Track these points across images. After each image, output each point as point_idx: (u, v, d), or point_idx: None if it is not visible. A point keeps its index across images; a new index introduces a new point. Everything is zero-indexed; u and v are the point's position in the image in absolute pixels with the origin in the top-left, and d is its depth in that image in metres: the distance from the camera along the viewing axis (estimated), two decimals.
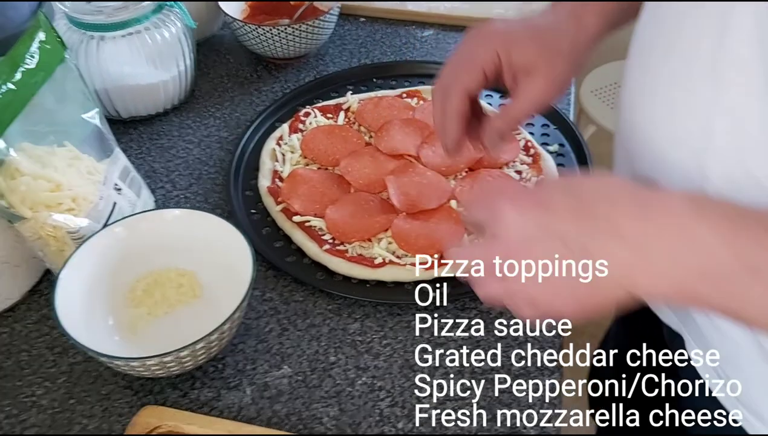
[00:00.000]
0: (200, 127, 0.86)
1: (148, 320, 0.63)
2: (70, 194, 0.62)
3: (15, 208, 0.59)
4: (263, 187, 0.76)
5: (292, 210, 0.73)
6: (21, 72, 0.58)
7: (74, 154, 0.65)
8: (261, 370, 0.62)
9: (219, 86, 0.92)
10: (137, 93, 0.82)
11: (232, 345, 0.63)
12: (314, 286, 0.68)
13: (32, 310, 0.67)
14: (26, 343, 0.64)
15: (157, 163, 0.81)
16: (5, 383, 0.61)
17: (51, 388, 0.61)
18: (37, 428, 0.58)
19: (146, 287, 0.65)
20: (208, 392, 0.60)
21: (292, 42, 0.89)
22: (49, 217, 0.60)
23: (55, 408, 0.60)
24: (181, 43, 0.83)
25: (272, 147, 0.80)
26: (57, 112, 0.64)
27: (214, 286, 0.65)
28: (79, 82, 0.65)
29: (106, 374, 0.62)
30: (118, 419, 0.59)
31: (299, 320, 0.66)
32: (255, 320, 0.66)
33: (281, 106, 0.86)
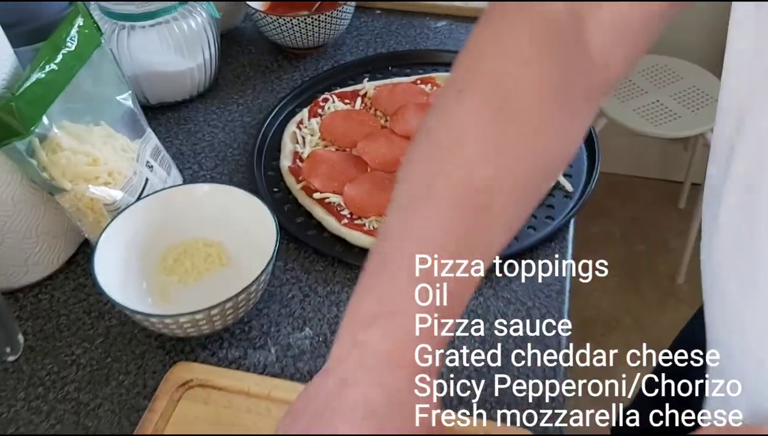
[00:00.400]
0: (224, 112, 0.91)
1: (179, 286, 0.68)
2: (106, 169, 0.66)
3: (56, 180, 0.63)
4: (285, 167, 0.80)
5: (312, 188, 0.77)
6: (62, 54, 0.63)
7: (109, 133, 0.69)
8: (284, 332, 0.66)
9: (241, 75, 0.96)
10: (165, 80, 0.87)
11: (257, 309, 0.67)
12: (333, 257, 0.72)
13: (69, 279, 0.71)
14: (65, 308, 0.69)
15: (184, 146, 0.86)
16: (46, 343, 0.66)
17: (89, 348, 0.65)
18: (77, 384, 0.63)
19: (177, 256, 0.69)
20: (235, 351, 0.65)
21: (311, 32, 0.94)
22: (87, 189, 0.65)
23: (93, 366, 0.64)
24: (206, 32, 0.87)
25: (293, 130, 0.85)
26: (93, 93, 0.68)
27: (240, 256, 0.69)
28: (113, 65, 0.70)
29: (140, 336, 0.66)
30: (152, 376, 0.63)
31: (320, 287, 0.70)
32: (278, 288, 0.70)
33: (301, 93, 0.91)
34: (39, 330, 0.67)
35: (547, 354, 0.59)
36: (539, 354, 0.59)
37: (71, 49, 0.64)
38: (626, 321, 1.86)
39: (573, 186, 0.77)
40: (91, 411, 0.61)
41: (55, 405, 0.61)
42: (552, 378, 0.62)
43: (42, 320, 0.68)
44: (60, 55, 0.63)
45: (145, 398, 0.61)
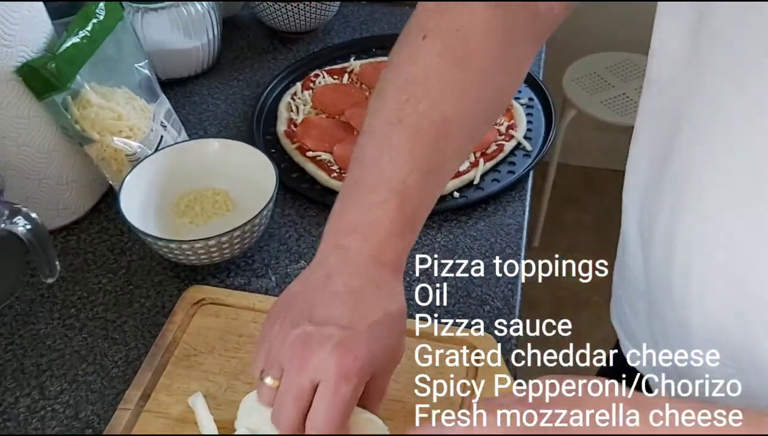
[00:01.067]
0: (226, 87, 1.01)
1: (190, 227, 0.78)
2: (128, 124, 0.77)
3: (86, 132, 0.74)
4: (281, 132, 0.91)
5: (305, 148, 0.88)
6: (92, 23, 0.74)
7: (130, 96, 0.80)
8: (283, 263, 0.76)
9: (240, 55, 1.08)
10: (173, 57, 0.98)
11: (258, 246, 0.78)
12: (325, 204, 0.83)
13: (94, 223, 0.82)
14: (91, 247, 0.79)
15: (191, 116, 0.96)
16: (76, 275, 0.76)
17: (113, 278, 0.76)
18: (104, 306, 0.73)
19: (188, 202, 0.80)
20: (240, 279, 0.75)
21: (304, 17, 1.05)
22: (113, 140, 0.75)
23: (117, 292, 0.74)
24: (210, 15, 0.98)
25: (288, 101, 0.96)
26: (116, 60, 0.79)
27: (243, 201, 0.80)
28: (133, 36, 0.81)
29: (157, 268, 0.77)
30: (169, 299, 0.73)
31: (313, 229, 0.80)
32: (277, 230, 0.80)
33: (294, 71, 1.02)
34: (69, 264, 0.77)
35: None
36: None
37: (100, 19, 0.74)
38: (596, 300, 1.98)
39: (532, 146, 0.89)
40: (117, 327, 0.71)
41: (86, 323, 0.71)
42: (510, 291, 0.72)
43: (71, 256, 0.78)
44: (90, 24, 0.73)
45: (164, 316, 0.71)
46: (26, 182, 0.75)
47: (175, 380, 0.64)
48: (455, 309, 0.71)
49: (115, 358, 0.68)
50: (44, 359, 0.68)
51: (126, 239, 0.80)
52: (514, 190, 0.84)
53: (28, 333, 0.70)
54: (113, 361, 0.68)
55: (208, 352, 0.66)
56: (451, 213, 0.81)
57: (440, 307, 0.71)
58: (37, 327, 0.71)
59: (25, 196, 0.75)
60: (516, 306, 0.71)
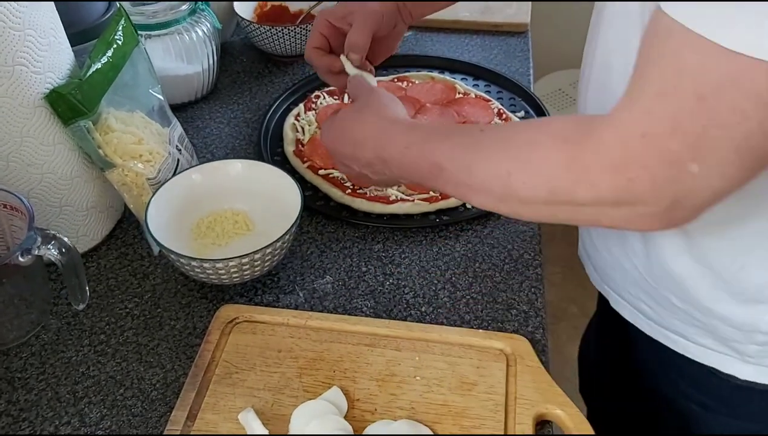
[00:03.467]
0: (227, 111, 1.02)
1: (213, 248, 0.79)
2: (148, 148, 0.77)
3: (109, 156, 0.74)
4: (290, 152, 0.93)
5: (316, 166, 0.90)
6: (113, 49, 0.74)
7: (146, 121, 0.80)
8: (309, 279, 0.78)
9: (237, 80, 1.09)
10: (175, 83, 0.99)
11: (281, 264, 0.79)
12: (341, 220, 0.84)
13: (111, 249, 0.81)
14: (112, 272, 0.79)
15: (196, 140, 0.97)
16: (101, 301, 0.76)
17: (140, 302, 0.75)
18: (134, 330, 0.73)
19: (208, 223, 0.80)
20: (268, 296, 0.76)
21: (297, 41, 1.07)
22: (134, 164, 0.76)
23: (146, 315, 0.74)
24: (210, 41, 0.99)
25: (292, 122, 0.97)
26: (132, 86, 0.79)
27: (262, 221, 0.81)
28: (147, 63, 0.81)
29: (183, 290, 0.77)
30: (199, 320, 0.74)
31: (333, 244, 0.82)
32: (298, 247, 0.82)
33: (294, 92, 1.04)
34: (92, 291, 0.76)
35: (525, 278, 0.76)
36: (521, 280, 0.76)
37: (120, 45, 0.75)
38: (572, 310, 2.03)
39: None
40: (151, 350, 0.71)
41: (117, 348, 0.71)
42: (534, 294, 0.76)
43: (93, 282, 0.77)
44: (111, 50, 0.74)
45: (197, 337, 0.72)
46: (48, 209, 0.74)
47: (220, 398, 0.65)
48: (484, 314, 0.73)
49: (153, 381, 0.68)
50: (79, 386, 0.67)
51: (147, 263, 0.80)
52: None
53: (59, 362, 0.70)
54: (151, 384, 0.68)
55: (249, 369, 0.67)
56: (466, 223, 0.84)
57: (470, 313, 0.73)
58: (68, 355, 0.70)
59: (46, 224, 0.75)
60: (542, 308, 0.74)
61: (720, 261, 0.63)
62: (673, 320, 0.71)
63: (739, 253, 0.62)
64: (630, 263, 0.71)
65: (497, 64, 1.11)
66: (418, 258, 0.80)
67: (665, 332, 0.72)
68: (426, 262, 0.79)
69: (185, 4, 0.96)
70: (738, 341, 0.66)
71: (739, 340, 0.66)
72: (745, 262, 0.62)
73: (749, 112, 0.43)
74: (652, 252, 0.67)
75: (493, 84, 1.06)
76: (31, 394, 0.67)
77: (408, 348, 0.68)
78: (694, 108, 0.44)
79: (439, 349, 0.68)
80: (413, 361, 0.67)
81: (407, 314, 0.74)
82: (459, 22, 1.21)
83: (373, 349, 0.68)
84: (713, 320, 0.66)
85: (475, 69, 1.08)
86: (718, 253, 0.63)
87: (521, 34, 1.19)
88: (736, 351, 0.67)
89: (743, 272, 0.62)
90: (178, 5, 0.95)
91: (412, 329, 0.70)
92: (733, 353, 0.68)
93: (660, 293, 0.69)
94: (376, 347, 0.68)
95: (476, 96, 1.01)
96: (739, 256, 0.62)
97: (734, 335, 0.66)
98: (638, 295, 0.73)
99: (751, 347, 0.66)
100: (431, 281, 0.77)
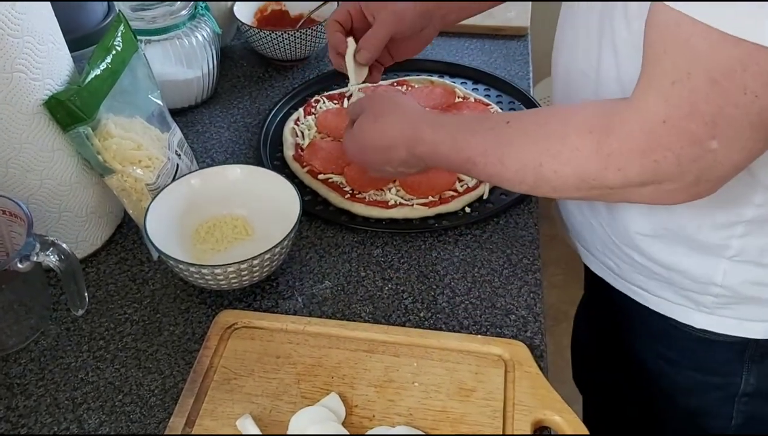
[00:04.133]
0: (227, 115, 1.03)
1: (212, 253, 0.79)
2: (147, 154, 0.77)
3: (108, 162, 0.74)
4: (289, 157, 0.93)
5: (315, 170, 0.90)
6: (112, 55, 0.74)
7: (145, 126, 0.80)
8: (307, 284, 0.78)
9: (237, 84, 1.09)
10: (175, 87, 0.99)
11: (281, 269, 0.79)
12: (340, 225, 0.84)
13: (111, 255, 0.82)
14: (111, 278, 0.79)
15: (196, 145, 0.97)
16: (100, 306, 0.76)
17: (139, 308, 0.76)
18: (133, 335, 0.73)
19: (208, 228, 0.80)
20: (267, 302, 0.76)
21: (297, 45, 1.07)
22: (133, 170, 0.76)
23: (145, 321, 0.74)
24: (211, 45, 0.99)
25: (292, 126, 0.97)
26: (131, 91, 0.79)
27: (261, 226, 0.81)
28: (146, 68, 0.82)
29: (182, 295, 0.77)
30: (198, 325, 0.74)
31: (332, 249, 0.82)
32: (297, 252, 0.82)
33: (293, 97, 1.04)
34: (92, 297, 0.76)
35: (524, 283, 0.76)
36: (519, 285, 0.76)
37: (119, 51, 0.75)
38: (573, 312, 2.02)
39: None
40: (150, 356, 0.71)
41: (116, 353, 0.71)
42: (533, 299, 0.76)
43: (93, 288, 0.77)
44: (110, 56, 0.74)
45: (196, 343, 0.72)
46: (47, 215, 0.74)
47: (218, 404, 0.65)
48: (482, 320, 0.73)
49: (151, 387, 0.68)
50: (78, 392, 0.68)
51: (147, 269, 0.80)
52: (522, 203, 0.87)
53: (58, 368, 0.70)
54: (150, 390, 0.68)
55: (248, 375, 0.67)
56: (465, 228, 0.84)
57: (468, 318, 0.73)
58: (67, 361, 0.70)
59: (45, 230, 0.75)
60: (540, 314, 0.74)
61: (678, 223, 0.67)
62: (636, 274, 0.76)
63: (695, 215, 0.66)
64: (597, 222, 0.76)
65: (497, 68, 1.11)
66: (417, 263, 0.80)
67: (629, 286, 0.78)
68: (425, 267, 0.79)
69: (185, 10, 0.96)
70: (695, 291, 0.71)
71: (696, 290, 0.71)
72: (701, 223, 0.66)
73: (759, 91, 0.48)
74: (616, 215, 0.72)
75: (492, 88, 1.06)
76: (30, 400, 0.67)
77: (406, 354, 0.68)
78: (708, 91, 0.49)
79: (438, 355, 0.68)
80: (411, 367, 0.67)
81: (406, 320, 0.74)
82: (459, 25, 1.20)
83: (372, 355, 0.68)
84: (672, 274, 0.71)
85: (475, 73, 1.08)
86: (676, 215, 0.67)
87: (521, 37, 1.19)
88: (693, 302, 0.72)
89: (700, 232, 0.67)
90: (177, 11, 0.96)
91: (410, 335, 0.70)
92: (690, 303, 0.72)
93: (623, 250, 0.74)
94: (375, 352, 0.68)
95: (475, 100, 1.01)
96: (696, 217, 0.66)
97: (692, 286, 0.71)
98: (605, 252, 0.78)
99: (707, 298, 0.71)
100: (430, 285, 0.77)
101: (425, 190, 0.86)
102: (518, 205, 0.87)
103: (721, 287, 0.69)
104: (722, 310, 0.71)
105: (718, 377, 0.77)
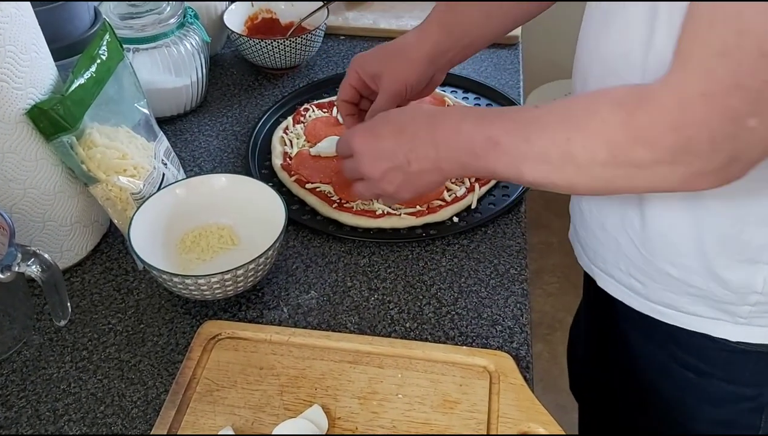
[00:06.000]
0: (216, 124, 1.02)
1: (198, 263, 0.78)
2: (132, 163, 0.77)
3: (93, 172, 0.74)
4: (277, 165, 0.92)
5: (303, 180, 0.89)
6: (97, 64, 0.74)
7: (131, 135, 0.80)
8: (293, 294, 0.77)
9: (227, 93, 1.09)
10: (163, 96, 0.98)
11: (266, 279, 0.79)
12: (328, 234, 0.84)
13: (96, 264, 0.81)
14: (96, 288, 0.78)
15: (184, 153, 0.97)
16: (84, 316, 0.75)
17: (123, 318, 0.75)
18: (117, 346, 0.72)
19: (193, 238, 0.80)
20: (252, 312, 0.75)
21: (287, 54, 1.07)
22: (118, 179, 0.75)
23: (129, 331, 0.74)
24: (200, 53, 0.99)
25: (280, 135, 0.97)
26: (117, 100, 0.79)
27: (247, 236, 0.80)
28: (133, 77, 0.81)
29: (167, 305, 0.76)
30: (182, 336, 0.73)
31: (319, 259, 0.81)
32: (283, 261, 0.81)
33: (282, 105, 1.04)
34: (76, 306, 0.76)
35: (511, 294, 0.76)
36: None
37: (104, 59, 0.75)
38: (568, 320, 2.02)
39: None
40: (132, 366, 0.70)
41: (99, 364, 0.71)
42: (519, 310, 0.75)
43: (77, 297, 0.77)
44: (94, 65, 0.74)
45: (179, 354, 0.71)
46: (30, 225, 0.74)
47: (200, 416, 0.64)
48: (468, 330, 0.73)
49: (133, 398, 0.67)
50: (60, 403, 0.67)
51: (132, 279, 0.79)
52: (510, 213, 0.87)
53: (40, 378, 0.69)
54: (132, 402, 0.67)
55: (231, 386, 0.66)
56: (453, 238, 0.83)
57: (454, 329, 0.73)
58: (49, 372, 0.70)
59: (29, 239, 0.74)
60: (527, 324, 0.73)
61: (719, 225, 0.64)
62: (666, 292, 0.71)
63: (738, 216, 0.63)
64: (625, 237, 0.71)
65: (487, 77, 1.11)
66: (404, 273, 0.79)
67: (654, 306, 0.73)
68: (411, 277, 0.79)
69: (173, 18, 0.96)
70: (732, 302, 0.67)
71: (733, 302, 0.67)
72: (744, 224, 0.63)
73: None
74: (649, 223, 0.68)
75: (483, 97, 1.06)
76: (11, 411, 0.66)
77: (391, 365, 0.68)
78: (756, 65, 0.47)
79: (422, 366, 0.68)
80: (396, 378, 0.67)
81: (392, 330, 0.73)
82: None
83: (356, 366, 0.68)
84: (711, 284, 0.67)
85: (465, 82, 1.08)
86: (717, 218, 0.64)
87: (512, 46, 1.19)
88: (728, 313, 0.68)
89: (743, 235, 0.64)
90: (166, 19, 0.95)
91: (395, 346, 0.69)
92: (725, 316, 0.69)
93: (655, 265, 0.70)
94: (359, 364, 0.68)
95: None
96: (738, 219, 0.63)
97: (729, 298, 0.67)
98: (629, 271, 0.74)
99: (744, 308, 0.67)
100: (416, 296, 0.77)
101: (413, 199, 0.86)
102: (506, 214, 0.86)
103: (761, 293, 0.66)
104: (758, 319, 0.68)
105: (750, 387, 0.74)
